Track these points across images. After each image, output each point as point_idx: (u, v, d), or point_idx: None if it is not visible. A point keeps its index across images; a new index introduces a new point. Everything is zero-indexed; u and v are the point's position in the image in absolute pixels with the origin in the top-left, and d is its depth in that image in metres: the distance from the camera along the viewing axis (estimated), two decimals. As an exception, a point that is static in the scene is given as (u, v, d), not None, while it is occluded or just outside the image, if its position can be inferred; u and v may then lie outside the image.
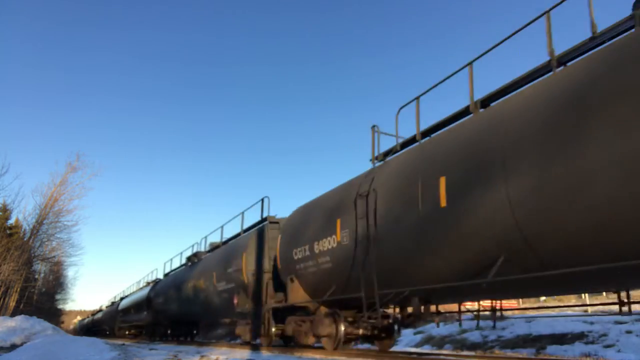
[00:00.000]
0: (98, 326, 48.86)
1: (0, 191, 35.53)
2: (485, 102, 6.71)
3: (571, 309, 10.44)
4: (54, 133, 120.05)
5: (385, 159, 8.40)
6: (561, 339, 10.45)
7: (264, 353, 10.39)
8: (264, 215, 13.34)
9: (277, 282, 11.55)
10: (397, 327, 9.29)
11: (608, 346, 9.58)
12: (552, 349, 10.09)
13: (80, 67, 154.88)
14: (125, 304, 33.03)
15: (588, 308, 12.94)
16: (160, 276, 27.50)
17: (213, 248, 17.55)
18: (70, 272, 68.94)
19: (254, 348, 12.71)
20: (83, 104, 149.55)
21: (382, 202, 7.25)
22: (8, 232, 38.43)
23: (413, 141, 7.93)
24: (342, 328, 8.93)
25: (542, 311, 13.35)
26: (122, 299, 37.57)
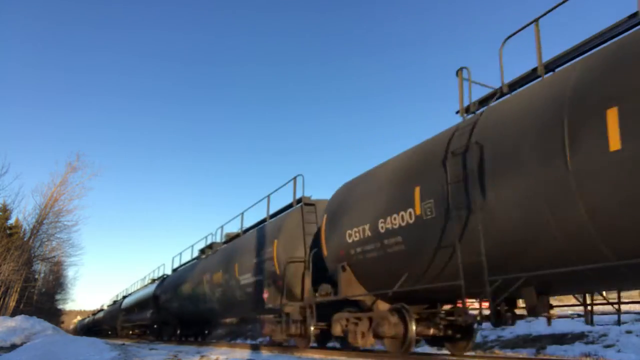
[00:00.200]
0: (99, 326, 46.97)
1: (0, 191, 35.26)
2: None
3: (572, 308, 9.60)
4: (54, 133, 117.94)
5: (481, 108, 6.32)
6: (561, 339, 10.18)
7: (264, 353, 10.44)
8: (298, 196, 11.37)
9: (316, 273, 9.68)
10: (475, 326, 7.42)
11: (608, 346, 9.43)
12: (552, 349, 9.81)
13: (80, 67, 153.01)
14: (129, 303, 30.75)
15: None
16: (168, 272, 25.21)
17: (231, 238, 15.48)
18: (70, 272, 68.39)
19: (254, 348, 12.56)
20: (83, 104, 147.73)
21: (493, 158, 5.26)
22: (8, 232, 38.09)
23: (527, 80, 5.90)
24: (413, 327, 6.93)
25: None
26: (124, 297, 35.72)
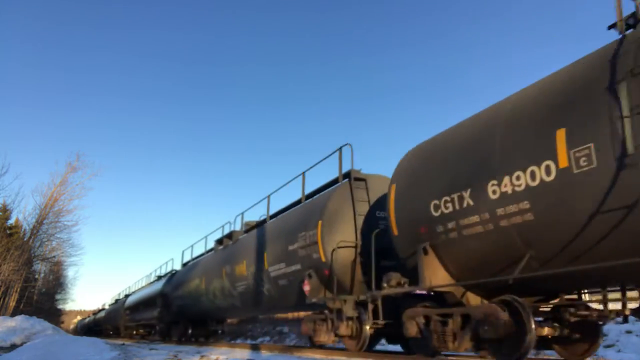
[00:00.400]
0: (100, 326, 45.03)
1: (0, 191, 34.40)
2: None
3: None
4: (54, 133, 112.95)
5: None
6: None
7: (264, 353, 10.23)
8: (344, 170, 9.45)
9: (368, 259, 7.99)
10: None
11: (608, 346, 9.30)
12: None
13: (80, 67, 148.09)
14: (133, 301, 28.33)
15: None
16: (177, 267, 22.97)
17: (255, 225, 13.44)
18: (70, 272, 66.85)
19: (254, 348, 12.10)
20: (83, 104, 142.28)
21: None
22: (8, 232, 37.47)
23: None
24: (532, 326, 5.09)
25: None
26: (127, 296, 33.78)
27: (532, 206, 4.76)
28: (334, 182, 9.64)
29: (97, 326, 47.49)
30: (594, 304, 5.68)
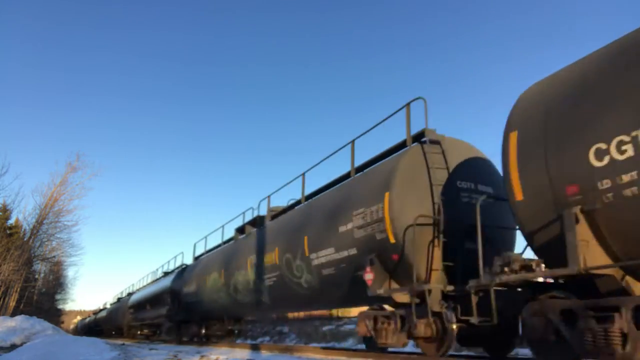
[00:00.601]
0: (102, 325, 44.16)
1: (0, 191, 34.41)
2: None
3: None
4: (54, 133, 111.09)
5: None
6: None
7: (264, 353, 9.99)
8: (413, 131, 7.64)
9: (453, 241, 6.66)
10: None
11: None
12: None
13: (80, 67, 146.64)
14: (138, 299, 26.49)
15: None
16: (189, 261, 21.21)
17: (286, 209, 11.58)
18: (70, 272, 66.25)
19: (254, 348, 11.82)
20: (83, 104, 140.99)
21: None
22: (8, 232, 37.47)
23: None
24: None
25: None
26: (130, 294, 32.59)
27: None
28: (400, 146, 7.84)
29: (98, 326, 46.81)
30: None
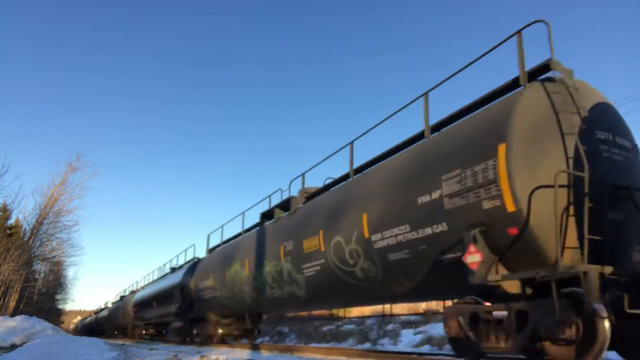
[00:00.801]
0: (103, 325, 42.98)
1: (0, 191, 34.27)
2: None
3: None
4: (54, 133, 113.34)
5: None
6: None
7: (264, 353, 9.74)
8: (533, 64, 5.84)
9: (599, 208, 5.04)
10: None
11: None
12: None
13: (80, 67, 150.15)
14: (143, 297, 24.67)
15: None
16: (200, 254, 19.49)
17: (327, 187, 9.93)
18: (70, 272, 65.97)
19: (254, 348, 11.52)
20: (83, 104, 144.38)
21: None
22: (8, 232, 37.21)
23: None
24: None
25: None
26: (134, 292, 31.05)
27: None
28: (507, 88, 6.06)
29: (99, 326, 45.70)
30: None
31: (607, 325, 4.41)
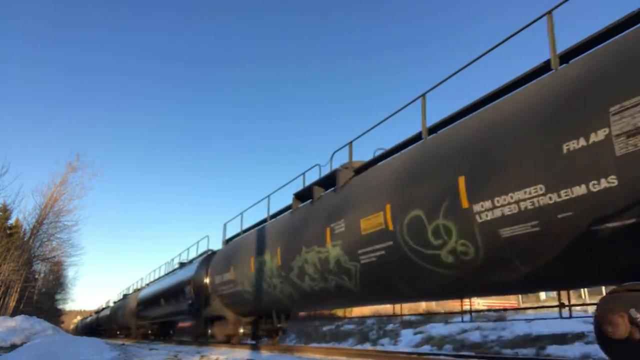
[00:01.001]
0: (104, 325, 42.18)
1: (0, 191, 34.01)
2: None
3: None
4: (54, 133, 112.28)
5: None
6: (561, 339, 9.64)
7: (264, 353, 9.79)
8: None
9: None
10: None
11: None
12: (552, 349, 9.36)
13: (80, 67, 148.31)
14: (149, 294, 22.94)
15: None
16: (216, 245, 17.93)
17: (380, 158, 8.16)
18: (70, 272, 65.70)
19: (254, 348, 11.56)
20: (83, 104, 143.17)
21: None
22: (8, 232, 36.90)
23: None
24: None
25: (542, 311, 12.17)
26: (138, 289, 29.50)
27: None
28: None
29: (100, 326, 44.72)
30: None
31: None
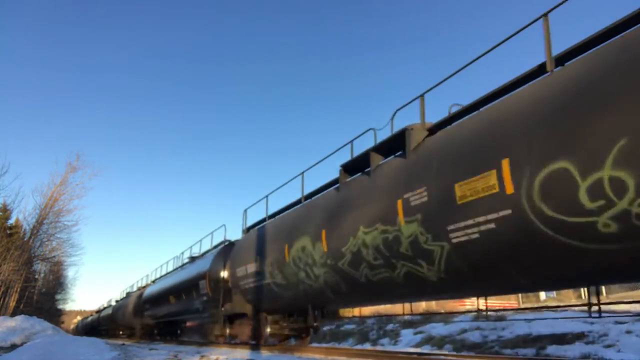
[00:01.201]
0: (106, 325, 41.88)
1: (0, 191, 33.85)
2: None
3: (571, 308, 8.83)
4: (54, 133, 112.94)
5: None
6: (561, 339, 9.65)
7: (264, 353, 9.72)
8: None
9: None
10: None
11: (608, 346, 9.03)
12: (552, 349, 9.35)
13: (80, 67, 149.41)
14: (157, 291, 21.17)
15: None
16: (233, 235, 16.88)
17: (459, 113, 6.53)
18: (70, 272, 65.91)
19: (254, 348, 11.48)
20: (83, 104, 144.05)
21: None
22: (8, 232, 36.64)
23: None
24: None
25: (542, 311, 12.25)
26: (143, 287, 28.52)
27: None
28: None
29: (102, 325, 44.44)
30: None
31: None
